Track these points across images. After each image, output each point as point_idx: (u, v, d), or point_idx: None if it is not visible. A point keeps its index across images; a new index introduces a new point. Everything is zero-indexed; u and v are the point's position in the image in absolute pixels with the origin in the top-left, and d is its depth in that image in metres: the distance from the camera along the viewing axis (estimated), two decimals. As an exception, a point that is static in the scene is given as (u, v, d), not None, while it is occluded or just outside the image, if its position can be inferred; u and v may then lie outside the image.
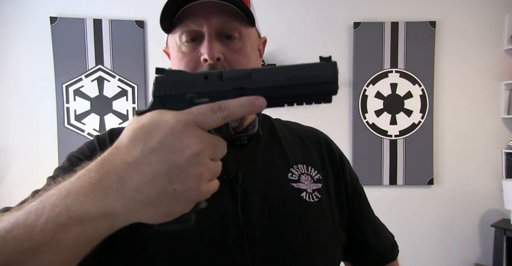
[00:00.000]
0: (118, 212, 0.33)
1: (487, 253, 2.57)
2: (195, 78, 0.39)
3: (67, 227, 0.32)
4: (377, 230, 0.75)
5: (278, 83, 0.39)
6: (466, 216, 2.61)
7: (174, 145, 0.33)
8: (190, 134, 0.34)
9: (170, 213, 0.35)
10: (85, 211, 0.33)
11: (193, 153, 0.33)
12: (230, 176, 0.59)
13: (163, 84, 0.39)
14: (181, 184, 0.33)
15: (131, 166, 0.33)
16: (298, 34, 2.55)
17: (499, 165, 2.61)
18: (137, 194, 0.33)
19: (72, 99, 2.46)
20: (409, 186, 2.58)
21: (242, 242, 0.55)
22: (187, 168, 0.33)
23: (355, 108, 2.57)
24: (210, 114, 0.35)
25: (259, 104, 0.37)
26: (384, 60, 2.56)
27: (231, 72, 0.40)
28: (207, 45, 0.56)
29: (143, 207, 0.33)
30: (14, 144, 2.43)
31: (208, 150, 0.35)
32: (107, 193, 0.33)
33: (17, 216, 0.34)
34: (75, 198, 0.33)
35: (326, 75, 0.39)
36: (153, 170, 0.33)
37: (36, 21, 2.41)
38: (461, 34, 2.57)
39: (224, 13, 0.57)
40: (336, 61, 0.40)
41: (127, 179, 0.33)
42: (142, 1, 2.50)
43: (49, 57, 2.41)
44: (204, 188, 0.35)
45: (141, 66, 2.50)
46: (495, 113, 2.59)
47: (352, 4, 2.56)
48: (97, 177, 0.33)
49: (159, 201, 0.33)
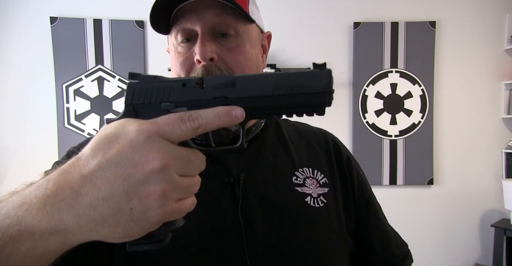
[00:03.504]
0: (69, 228, 0.30)
1: (487, 253, 2.57)
2: (172, 85, 0.35)
3: (18, 239, 0.30)
4: (386, 238, 0.70)
5: (265, 92, 0.35)
6: (466, 216, 2.61)
7: (133, 159, 0.30)
8: (152, 147, 0.30)
9: (128, 234, 0.31)
10: (35, 225, 0.30)
11: (153, 169, 0.30)
12: (231, 179, 0.57)
13: (136, 91, 0.35)
14: (139, 202, 0.30)
15: (87, 180, 0.30)
16: (298, 34, 2.55)
17: (499, 165, 2.61)
18: (91, 211, 0.30)
19: (72, 99, 2.46)
20: (409, 186, 2.58)
21: (242, 247, 0.54)
22: (146, 185, 0.30)
23: (355, 108, 2.57)
24: (179, 124, 0.32)
25: (235, 115, 0.33)
26: (384, 60, 2.56)
27: (213, 79, 0.36)
28: (199, 45, 0.54)
29: (97, 226, 0.30)
30: (14, 144, 2.43)
31: (175, 165, 0.31)
32: (60, 208, 0.30)
33: None
34: (28, 209, 0.30)
35: (319, 85, 0.35)
36: (109, 185, 0.30)
37: (36, 21, 2.41)
38: (461, 34, 2.57)
39: (218, 10, 0.54)
40: (330, 70, 0.36)
41: (82, 194, 0.30)
42: (142, 1, 2.50)
43: (49, 57, 2.41)
44: (169, 208, 0.31)
45: (141, 66, 2.50)
46: (495, 113, 2.59)
47: (352, 4, 2.56)
48: (52, 189, 0.31)
49: (115, 221, 0.30)
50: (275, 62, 2.47)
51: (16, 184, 0.97)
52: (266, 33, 0.67)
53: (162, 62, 2.42)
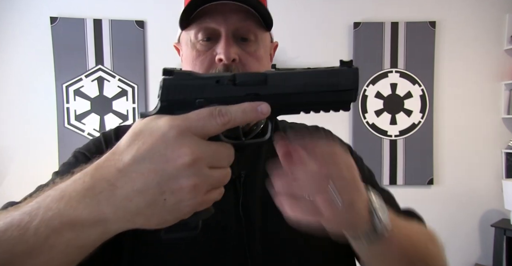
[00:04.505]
0: (109, 219, 0.32)
1: (487, 253, 2.57)
2: (206, 82, 0.36)
3: (60, 231, 0.32)
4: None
5: (295, 89, 0.36)
6: (466, 216, 2.61)
7: (166, 154, 0.31)
8: (183, 142, 0.31)
9: (161, 222, 0.33)
10: (77, 216, 0.32)
11: (185, 163, 0.31)
12: (233, 176, 0.58)
13: (171, 88, 0.35)
14: (172, 195, 0.31)
15: (122, 174, 0.32)
16: (298, 34, 2.55)
17: (499, 165, 2.60)
18: (127, 202, 0.32)
19: (72, 99, 2.46)
20: (409, 186, 2.58)
21: (242, 244, 0.55)
22: (179, 179, 0.31)
23: (355, 108, 2.57)
24: (209, 119, 0.33)
25: (262, 111, 0.34)
26: (384, 60, 2.56)
27: (245, 76, 0.36)
28: (224, 45, 0.55)
29: (133, 216, 0.32)
30: (14, 144, 2.43)
31: (206, 159, 0.32)
32: (98, 200, 0.32)
33: (12, 216, 0.33)
34: (68, 202, 0.32)
35: (347, 83, 0.36)
36: (143, 179, 0.31)
37: (36, 21, 2.41)
38: (461, 34, 2.57)
39: (243, 15, 0.57)
40: (357, 68, 0.37)
41: (118, 187, 0.32)
42: (142, 1, 2.50)
43: (49, 57, 2.41)
44: (199, 199, 0.33)
45: (141, 66, 2.50)
46: (495, 113, 2.59)
47: (352, 4, 2.56)
48: (90, 183, 0.33)
49: (150, 211, 0.32)
50: (275, 62, 2.47)
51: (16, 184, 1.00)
52: (275, 43, 0.70)
53: (162, 62, 2.42)
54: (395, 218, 0.47)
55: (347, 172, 0.38)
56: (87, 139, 2.46)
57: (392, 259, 0.46)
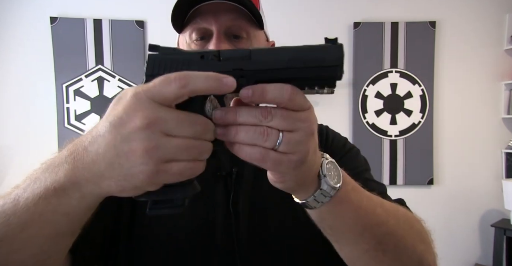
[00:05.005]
0: (81, 182, 0.34)
1: (487, 253, 2.57)
2: (191, 57, 0.36)
3: (45, 198, 0.35)
4: None
5: (279, 65, 0.36)
6: (466, 216, 2.61)
7: (122, 118, 0.32)
8: (138, 106, 0.31)
9: (120, 188, 0.34)
10: (56, 181, 0.35)
11: (137, 126, 0.31)
12: (224, 173, 0.60)
13: (156, 63, 0.36)
14: (125, 159, 0.32)
15: (94, 138, 0.33)
16: (298, 34, 2.55)
17: (499, 165, 2.61)
18: (93, 165, 0.33)
19: (72, 99, 2.46)
20: (409, 186, 2.58)
21: (231, 241, 0.57)
22: (130, 142, 0.31)
23: (355, 108, 2.57)
24: (166, 84, 0.32)
25: (226, 83, 0.33)
26: (384, 60, 2.56)
27: (230, 52, 0.37)
28: (215, 42, 0.57)
29: (99, 179, 0.34)
30: (14, 144, 2.43)
31: (161, 124, 0.31)
32: (74, 164, 0.34)
33: (10, 193, 0.38)
34: (52, 170, 0.35)
35: (331, 58, 0.36)
36: (105, 142, 0.32)
37: (36, 21, 2.41)
38: (461, 34, 2.57)
39: (233, 13, 0.59)
40: (342, 44, 0.37)
41: (88, 150, 0.34)
42: (142, 1, 2.50)
43: (49, 57, 2.41)
44: (152, 167, 0.32)
45: (141, 66, 2.50)
46: (495, 114, 2.59)
47: (352, 4, 2.56)
48: (71, 149, 0.35)
49: (109, 174, 0.33)
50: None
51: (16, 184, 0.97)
52: (271, 42, 0.71)
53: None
54: (356, 188, 0.45)
55: (302, 124, 0.35)
56: (87, 139, 2.47)
57: (343, 226, 0.45)
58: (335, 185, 0.41)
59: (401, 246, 0.47)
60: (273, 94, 0.34)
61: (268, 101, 0.34)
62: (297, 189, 0.41)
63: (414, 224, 0.51)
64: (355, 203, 0.44)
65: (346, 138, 0.75)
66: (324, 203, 0.41)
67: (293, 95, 0.34)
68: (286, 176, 0.38)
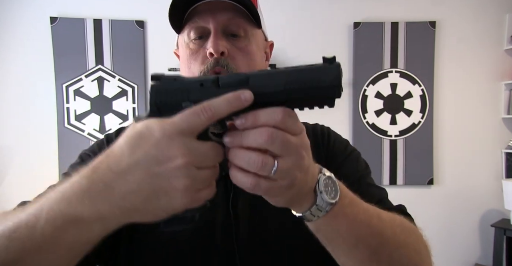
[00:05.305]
0: (106, 216, 0.35)
1: (487, 253, 2.57)
2: (190, 86, 0.38)
3: (64, 229, 0.35)
4: None
5: (277, 88, 0.37)
6: (466, 216, 2.61)
7: (157, 157, 0.33)
8: (173, 145, 0.33)
9: (156, 218, 0.36)
10: (78, 216, 0.35)
11: (176, 166, 0.33)
12: (223, 173, 0.59)
13: (159, 92, 0.38)
14: (165, 195, 0.34)
15: (118, 176, 0.34)
16: (298, 34, 2.55)
17: (499, 165, 2.61)
18: (123, 202, 0.34)
19: (72, 99, 2.46)
20: (409, 186, 2.58)
21: (231, 241, 0.57)
22: (171, 180, 0.33)
23: (355, 108, 2.57)
24: (193, 117, 0.34)
25: (245, 98, 0.35)
26: (384, 60, 2.56)
27: (228, 78, 0.38)
28: (212, 40, 0.58)
29: (130, 213, 0.35)
30: (14, 144, 2.43)
31: (195, 160, 0.34)
32: (96, 201, 0.35)
33: (20, 217, 0.37)
34: (69, 203, 0.35)
35: (329, 79, 0.36)
36: (137, 181, 0.34)
37: (36, 21, 2.41)
38: (461, 34, 2.57)
39: (230, 11, 0.59)
40: (339, 63, 0.37)
41: (114, 188, 0.34)
42: (142, 1, 2.50)
43: (49, 57, 2.41)
44: (190, 198, 0.35)
45: (141, 66, 2.50)
46: (495, 114, 2.59)
47: (352, 4, 2.56)
48: (86, 184, 0.35)
49: (144, 209, 0.35)
50: (275, 62, 2.47)
51: (16, 184, 1.01)
52: (270, 42, 0.71)
53: (162, 62, 2.42)
54: (353, 200, 0.46)
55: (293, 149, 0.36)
56: (87, 139, 2.48)
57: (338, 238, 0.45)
58: (331, 201, 0.41)
59: (396, 257, 0.48)
60: (264, 119, 0.35)
61: (260, 126, 0.35)
62: (290, 206, 0.43)
63: (410, 234, 0.52)
64: (351, 216, 0.44)
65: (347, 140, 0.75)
66: (320, 216, 0.42)
67: (285, 116, 0.35)
68: (277, 197, 0.40)
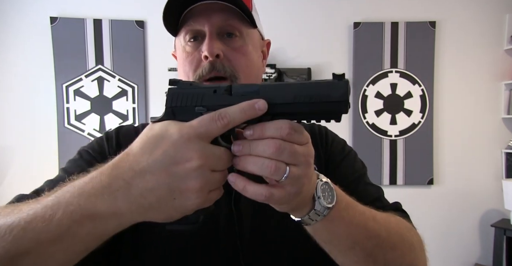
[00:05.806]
0: (124, 213, 0.37)
1: (487, 253, 2.57)
2: (204, 92, 0.40)
3: (81, 223, 0.37)
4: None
5: (286, 100, 0.38)
6: (466, 216, 2.61)
7: (176, 158, 0.35)
8: (191, 147, 0.35)
9: (168, 217, 0.38)
10: (96, 211, 0.37)
11: (192, 167, 0.35)
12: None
13: (175, 96, 0.41)
14: (180, 195, 0.36)
15: (138, 174, 0.36)
16: (298, 34, 2.55)
17: (499, 165, 2.61)
18: (141, 199, 0.36)
19: (72, 99, 2.46)
20: (409, 186, 2.58)
21: (234, 239, 0.58)
22: (186, 180, 0.35)
23: (355, 108, 2.57)
24: (211, 124, 0.36)
25: (259, 107, 0.37)
26: (384, 60, 2.56)
27: (240, 87, 0.40)
28: (207, 42, 0.58)
29: (145, 210, 0.37)
30: (14, 144, 2.43)
31: (210, 163, 0.36)
32: (115, 196, 0.36)
33: (35, 209, 0.38)
34: (88, 198, 0.37)
35: (337, 94, 0.38)
36: (156, 180, 0.35)
37: (36, 21, 2.41)
38: (461, 34, 2.57)
39: (225, 13, 0.59)
40: (348, 80, 0.39)
41: (133, 185, 0.36)
42: (142, 1, 2.50)
43: (49, 57, 2.41)
44: (202, 199, 0.37)
45: (141, 66, 2.50)
46: (495, 113, 2.60)
47: (352, 4, 2.56)
48: (107, 181, 0.37)
49: (159, 207, 0.37)
50: (275, 62, 2.47)
51: (16, 184, 1.01)
52: (266, 41, 0.71)
53: (162, 62, 2.42)
54: (349, 204, 0.47)
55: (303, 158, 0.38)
56: (87, 138, 2.48)
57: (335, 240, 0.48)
58: (329, 205, 0.43)
59: (390, 258, 0.49)
60: (271, 132, 0.37)
61: (268, 138, 0.37)
62: (292, 212, 0.45)
63: (405, 235, 0.53)
64: (347, 219, 0.46)
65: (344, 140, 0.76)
66: (318, 220, 0.44)
67: (291, 131, 0.37)
68: (283, 204, 0.41)
